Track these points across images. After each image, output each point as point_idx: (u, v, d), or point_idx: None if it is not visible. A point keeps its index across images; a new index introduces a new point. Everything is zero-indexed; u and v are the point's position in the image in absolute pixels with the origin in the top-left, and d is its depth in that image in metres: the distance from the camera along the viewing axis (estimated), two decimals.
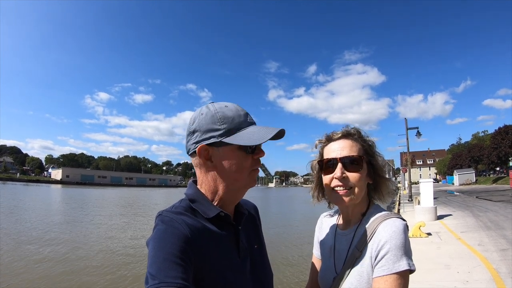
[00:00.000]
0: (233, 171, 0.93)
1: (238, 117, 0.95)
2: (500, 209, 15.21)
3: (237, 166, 0.93)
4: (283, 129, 0.95)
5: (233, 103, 0.99)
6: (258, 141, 0.90)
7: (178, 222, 0.84)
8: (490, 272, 5.56)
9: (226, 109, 0.95)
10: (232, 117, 0.94)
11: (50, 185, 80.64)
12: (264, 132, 0.92)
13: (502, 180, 50.66)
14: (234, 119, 0.94)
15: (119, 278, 7.73)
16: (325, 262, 1.22)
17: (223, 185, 0.95)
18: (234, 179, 0.94)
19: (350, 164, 1.10)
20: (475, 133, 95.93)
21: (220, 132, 0.92)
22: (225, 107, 0.96)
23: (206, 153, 0.93)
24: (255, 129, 0.94)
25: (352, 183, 1.08)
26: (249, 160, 0.94)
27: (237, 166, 0.93)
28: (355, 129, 1.19)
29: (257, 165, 0.97)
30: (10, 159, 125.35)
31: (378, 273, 0.95)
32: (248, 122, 0.96)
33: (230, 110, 0.95)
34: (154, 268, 0.74)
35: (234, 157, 0.93)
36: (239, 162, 0.93)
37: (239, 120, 0.94)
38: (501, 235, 8.70)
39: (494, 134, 59.13)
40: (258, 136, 0.91)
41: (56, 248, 10.43)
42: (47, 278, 7.56)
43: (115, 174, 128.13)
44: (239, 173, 0.93)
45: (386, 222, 1.02)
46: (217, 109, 0.95)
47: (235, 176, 0.93)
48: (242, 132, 0.93)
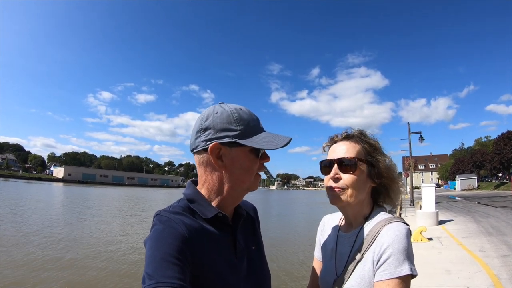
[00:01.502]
0: (242, 173, 0.94)
1: (253, 121, 0.97)
2: (502, 215, 15.12)
3: (247, 168, 0.94)
4: (291, 138, 0.99)
5: (246, 107, 1.00)
6: (274, 146, 0.92)
7: (176, 222, 0.84)
8: (491, 278, 5.53)
9: (241, 111, 0.96)
10: (248, 120, 0.95)
11: (52, 183, 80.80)
12: (278, 139, 0.96)
13: (504, 186, 50.41)
14: (249, 122, 0.95)
15: (119, 278, 7.76)
16: (326, 264, 1.22)
17: (228, 186, 0.95)
18: (241, 181, 0.95)
19: (345, 166, 1.12)
20: (478, 138, 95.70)
21: (235, 133, 0.92)
22: (240, 109, 0.97)
23: (217, 152, 0.93)
24: (268, 135, 0.97)
25: (346, 184, 1.10)
26: (257, 164, 0.97)
27: (247, 168, 0.94)
28: (357, 131, 1.20)
29: (261, 170, 1.00)
30: (13, 157, 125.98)
31: (380, 277, 0.95)
32: (261, 128, 1.00)
33: (245, 113, 0.96)
34: (151, 268, 0.75)
35: (245, 159, 0.94)
36: (250, 164, 0.95)
37: (253, 124, 0.96)
38: (502, 241, 8.66)
39: (497, 140, 58.82)
40: (273, 142, 0.94)
41: (55, 247, 10.47)
42: (48, 278, 7.59)
43: (117, 174, 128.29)
44: (247, 175, 0.95)
45: (389, 226, 1.01)
46: (232, 110, 0.95)
47: (243, 177, 0.95)
48: (257, 136, 0.95)
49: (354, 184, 1.10)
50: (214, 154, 0.92)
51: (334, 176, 1.12)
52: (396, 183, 1.16)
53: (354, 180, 1.10)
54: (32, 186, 52.89)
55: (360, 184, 1.11)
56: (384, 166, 1.15)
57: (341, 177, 1.11)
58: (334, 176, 1.12)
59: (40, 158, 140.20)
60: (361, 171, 1.12)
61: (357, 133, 1.19)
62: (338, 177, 1.11)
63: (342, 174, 1.11)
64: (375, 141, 1.19)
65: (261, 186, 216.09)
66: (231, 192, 0.96)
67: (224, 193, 0.96)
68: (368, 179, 1.14)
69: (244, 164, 0.94)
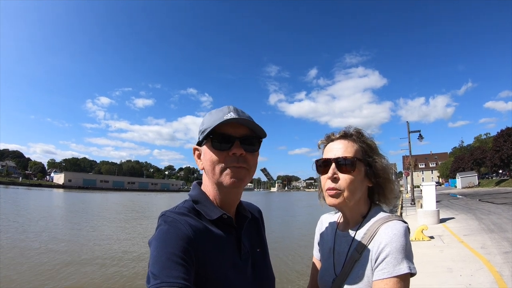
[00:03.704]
0: (209, 165, 0.95)
1: (215, 115, 0.97)
2: (503, 211, 15.09)
3: (211, 160, 0.95)
4: (250, 121, 0.96)
5: (231, 106, 1.01)
6: (207, 127, 0.95)
7: (181, 223, 0.85)
8: (493, 275, 5.52)
9: (213, 111, 1.01)
10: (213, 115, 0.98)
11: (52, 189, 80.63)
12: (216, 124, 0.93)
13: (505, 182, 50.44)
14: (211, 117, 0.97)
15: (119, 278, 7.76)
16: (324, 263, 1.22)
17: (210, 183, 0.99)
18: (212, 174, 0.96)
19: (343, 165, 1.10)
20: (478, 136, 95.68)
21: (201, 132, 0.98)
22: (216, 109, 1.01)
23: (197, 153, 1.02)
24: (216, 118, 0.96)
25: (343, 185, 1.08)
26: (222, 156, 0.93)
27: (211, 160, 0.95)
28: (355, 130, 1.18)
29: (234, 162, 0.93)
30: (13, 163, 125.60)
31: (378, 276, 0.95)
32: (224, 118, 0.93)
33: (216, 111, 1.00)
34: (156, 267, 0.76)
35: (207, 153, 0.96)
36: (211, 157, 0.95)
37: (215, 118, 0.96)
38: (504, 238, 8.64)
39: (496, 137, 58.93)
40: (209, 124, 0.95)
41: (57, 251, 10.46)
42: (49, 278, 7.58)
43: (117, 179, 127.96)
44: (213, 167, 0.95)
45: (387, 225, 1.01)
46: (209, 111, 1.02)
47: (212, 171, 0.95)
48: (210, 128, 0.95)
49: (353, 184, 1.08)
50: (195, 156, 1.03)
51: (333, 176, 1.10)
52: (391, 183, 1.16)
53: (352, 180, 1.08)
54: (33, 193, 52.75)
55: (358, 184, 1.10)
56: (381, 166, 1.14)
57: (339, 177, 1.09)
58: (333, 176, 1.10)
59: (40, 165, 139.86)
60: (359, 171, 1.11)
61: (355, 132, 1.18)
62: (337, 177, 1.09)
63: (340, 174, 1.10)
64: (372, 141, 1.18)
65: (262, 189, 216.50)
66: (215, 190, 0.98)
67: (212, 191, 0.99)
68: (365, 179, 1.13)
69: (207, 158, 0.96)
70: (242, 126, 0.96)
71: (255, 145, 0.98)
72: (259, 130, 0.97)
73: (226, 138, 0.93)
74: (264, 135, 1.00)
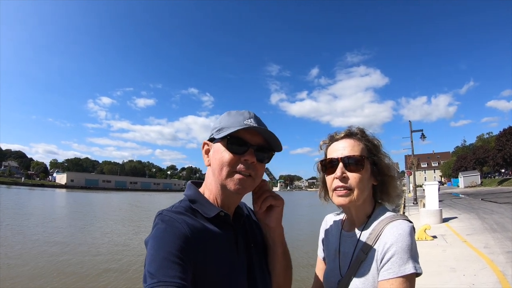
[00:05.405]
0: (218, 164, 0.95)
1: (235, 117, 0.99)
2: (506, 211, 15.04)
3: (219, 161, 0.95)
4: (271, 133, 0.96)
5: (247, 110, 1.03)
6: (224, 133, 0.95)
7: (178, 222, 0.86)
8: (496, 274, 5.50)
9: (233, 112, 1.02)
10: (232, 116, 1.00)
11: (54, 189, 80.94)
12: (236, 128, 0.94)
13: (507, 181, 50.21)
14: (230, 118, 0.99)
15: (119, 278, 7.78)
16: (329, 264, 1.21)
17: (214, 182, 0.99)
18: (217, 176, 0.96)
19: (351, 164, 1.09)
20: (480, 135, 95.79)
21: (216, 130, 0.99)
22: (234, 111, 1.02)
23: (206, 148, 1.03)
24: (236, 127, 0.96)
25: (353, 183, 1.07)
26: (233, 160, 0.93)
27: (219, 161, 0.95)
28: (358, 129, 1.18)
29: (243, 168, 0.94)
30: (15, 164, 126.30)
31: (384, 276, 0.94)
32: (244, 123, 0.96)
33: (236, 113, 1.01)
34: (153, 267, 0.76)
35: (219, 152, 0.96)
36: (221, 157, 0.95)
37: (234, 120, 0.98)
38: (507, 237, 8.62)
39: (499, 136, 58.76)
40: (228, 131, 0.95)
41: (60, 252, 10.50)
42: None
43: (120, 179, 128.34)
44: (219, 169, 0.95)
45: (392, 224, 1.01)
46: (228, 112, 1.03)
47: (219, 170, 0.95)
48: (229, 129, 0.95)
49: (362, 182, 1.08)
50: (203, 150, 1.03)
51: (341, 175, 1.09)
52: (394, 180, 1.16)
53: (361, 179, 1.08)
54: (35, 193, 52.94)
55: (366, 182, 1.10)
56: (385, 164, 1.15)
57: (348, 176, 1.08)
58: (341, 175, 1.09)
59: (42, 165, 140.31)
60: (366, 169, 1.10)
61: (359, 130, 1.18)
62: (346, 176, 1.08)
63: (348, 173, 1.09)
64: (375, 139, 1.19)
65: None
66: (218, 189, 0.98)
67: (214, 189, 0.99)
68: (372, 177, 1.13)
69: (219, 156, 0.96)
70: (259, 135, 0.97)
71: (267, 157, 1.00)
72: (274, 143, 0.99)
73: (242, 143, 0.95)
74: (279, 149, 1.01)
